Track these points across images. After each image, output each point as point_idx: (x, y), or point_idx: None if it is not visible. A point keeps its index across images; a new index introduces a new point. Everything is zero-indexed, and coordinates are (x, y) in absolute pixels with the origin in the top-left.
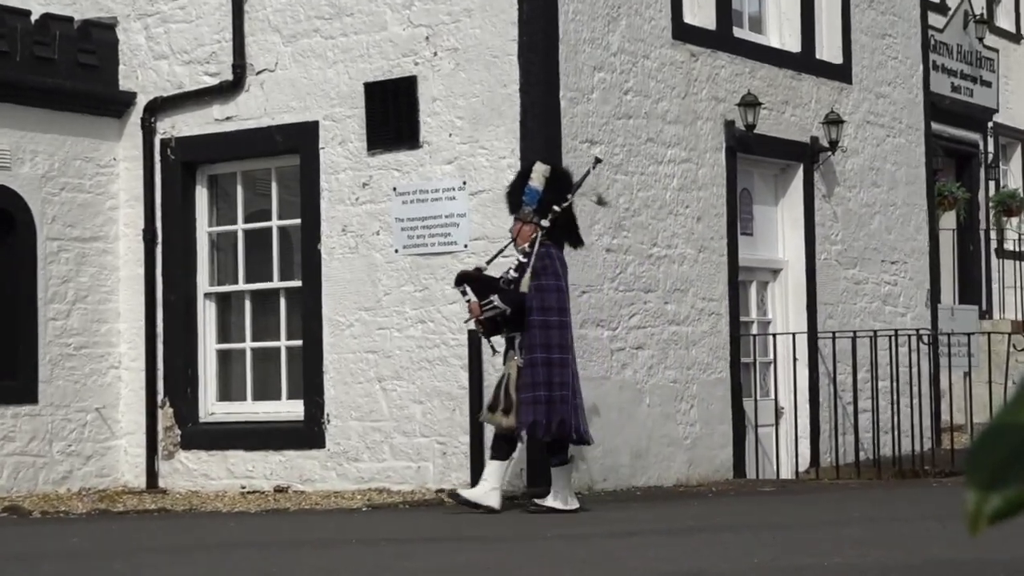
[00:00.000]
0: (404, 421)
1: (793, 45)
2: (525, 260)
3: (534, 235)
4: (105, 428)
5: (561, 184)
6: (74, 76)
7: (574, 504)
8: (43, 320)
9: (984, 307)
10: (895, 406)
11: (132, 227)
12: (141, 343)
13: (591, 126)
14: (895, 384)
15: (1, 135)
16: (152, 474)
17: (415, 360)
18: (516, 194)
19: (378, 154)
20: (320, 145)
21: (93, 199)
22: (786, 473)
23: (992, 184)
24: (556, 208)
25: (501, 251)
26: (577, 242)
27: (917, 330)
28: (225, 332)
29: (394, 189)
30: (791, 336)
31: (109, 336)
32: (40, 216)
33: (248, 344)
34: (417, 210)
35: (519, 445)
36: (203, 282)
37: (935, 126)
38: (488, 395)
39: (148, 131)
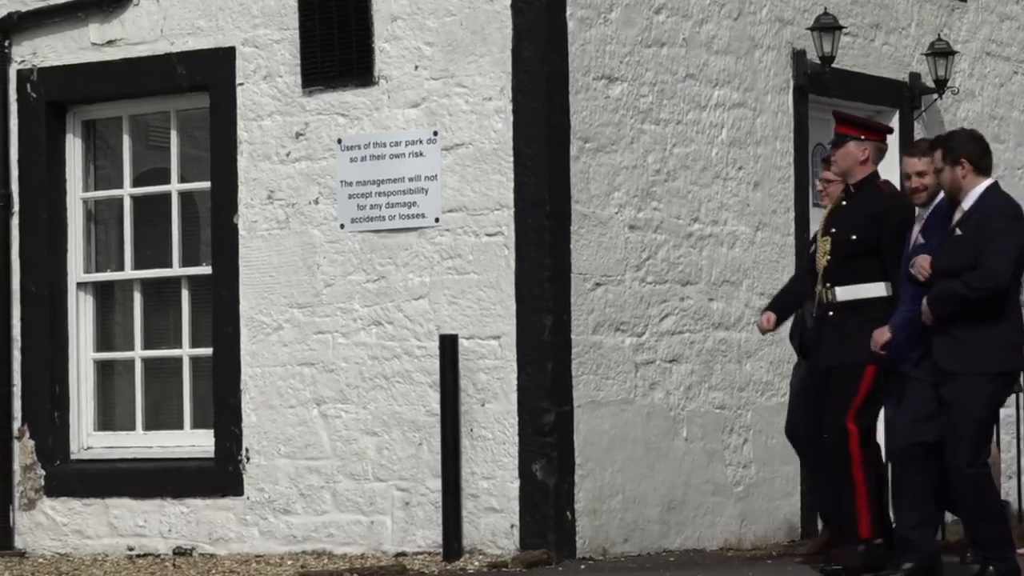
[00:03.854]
0: (352, 459)
1: None
2: None
3: None
4: None
5: None
6: None
7: None
8: None
9: None
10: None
11: None
12: None
13: (610, 57)
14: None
15: None
16: (6, 530)
17: (367, 376)
18: None
19: (317, 93)
20: (238, 80)
21: None
22: None
23: None
24: None
25: None
26: None
27: None
28: (106, 336)
29: (339, 141)
30: None
31: None
32: None
33: (138, 353)
34: (371, 170)
35: None
36: (76, 268)
37: None
38: (464, 423)
39: (0, 60)
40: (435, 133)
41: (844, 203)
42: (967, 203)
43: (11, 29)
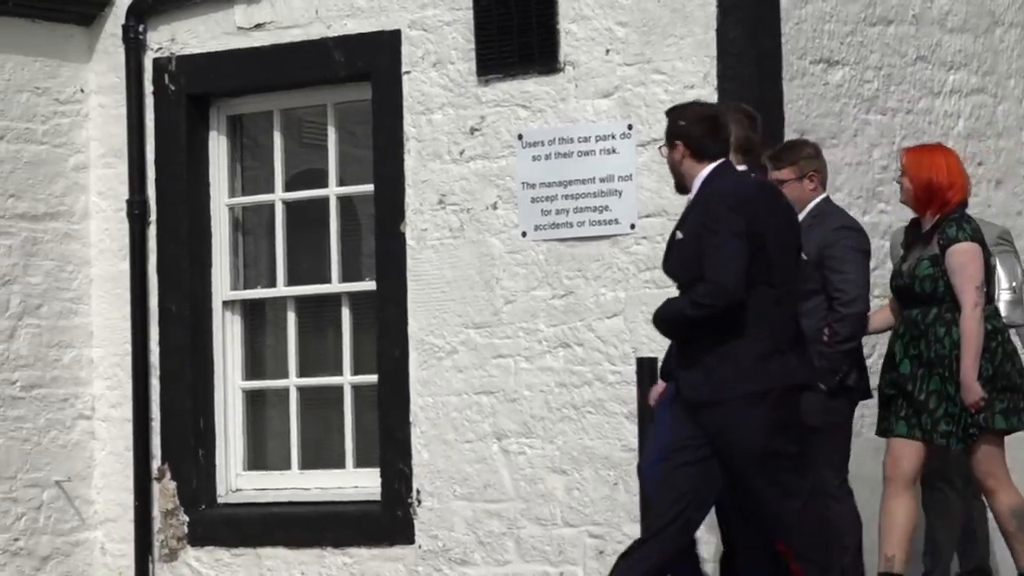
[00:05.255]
0: (538, 502)
1: None
2: None
3: None
4: (70, 512)
5: None
6: None
7: None
8: None
9: None
10: None
11: (110, 197)
12: (126, 379)
13: (828, 37)
14: None
15: None
16: None
17: (554, 406)
18: None
19: (494, 82)
20: (403, 68)
21: (48, 154)
22: None
23: None
24: None
25: None
26: None
27: None
28: (257, 362)
29: (519, 137)
30: None
31: (76, 368)
32: None
33: (293, 381)
34: (556, 170)
35: None
36: (221, 284)
37: None
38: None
39: (135, 47)
40: (630, 127)
41: None
42: (692, 194)
43: (146, 12)
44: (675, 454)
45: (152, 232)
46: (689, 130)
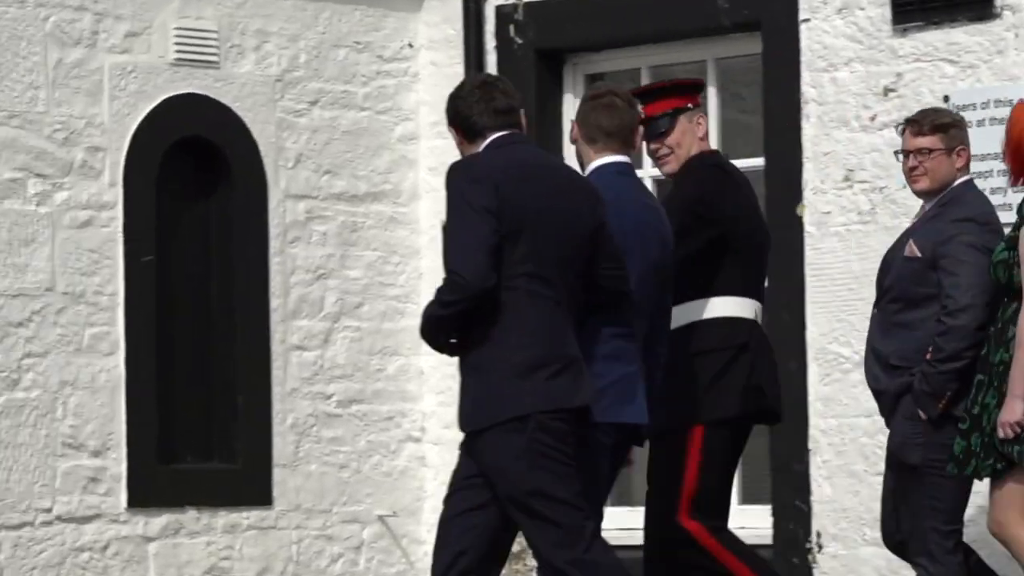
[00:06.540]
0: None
1: None
2: None
3: None
4: (396, 554)
5: None
6: None
7: None
8: (279, 350)
9: None
10: None
11: (444, 174)
12: None
13: None
14: None
15: (202, 5)
16: None
17: None
18: None
19: (913, 31)
20: (801, 15)
21: (371, 122)
22: None
23: None
24: None
25: None
26: None
27: None
28: None
29: (945, 99)
30: None
31: (402, 380)
32: (273, 155)
33: None
34: (992, 140)
35: None
36: None
37: None
38: None
39: None
40: None
41: None
42: None
43: None
44: (450, 497)
45: None
46: (454, 111)
